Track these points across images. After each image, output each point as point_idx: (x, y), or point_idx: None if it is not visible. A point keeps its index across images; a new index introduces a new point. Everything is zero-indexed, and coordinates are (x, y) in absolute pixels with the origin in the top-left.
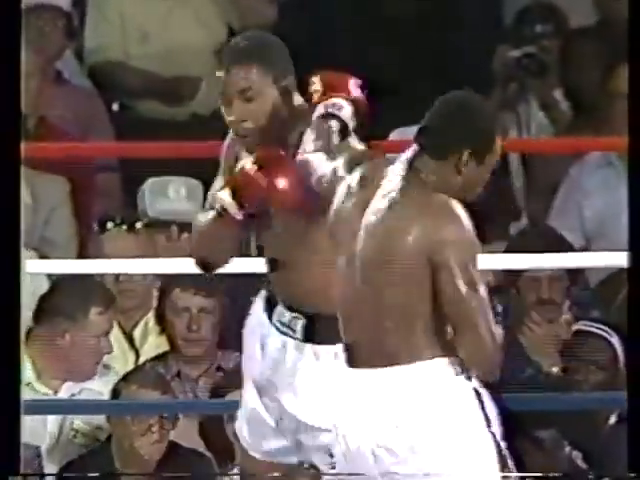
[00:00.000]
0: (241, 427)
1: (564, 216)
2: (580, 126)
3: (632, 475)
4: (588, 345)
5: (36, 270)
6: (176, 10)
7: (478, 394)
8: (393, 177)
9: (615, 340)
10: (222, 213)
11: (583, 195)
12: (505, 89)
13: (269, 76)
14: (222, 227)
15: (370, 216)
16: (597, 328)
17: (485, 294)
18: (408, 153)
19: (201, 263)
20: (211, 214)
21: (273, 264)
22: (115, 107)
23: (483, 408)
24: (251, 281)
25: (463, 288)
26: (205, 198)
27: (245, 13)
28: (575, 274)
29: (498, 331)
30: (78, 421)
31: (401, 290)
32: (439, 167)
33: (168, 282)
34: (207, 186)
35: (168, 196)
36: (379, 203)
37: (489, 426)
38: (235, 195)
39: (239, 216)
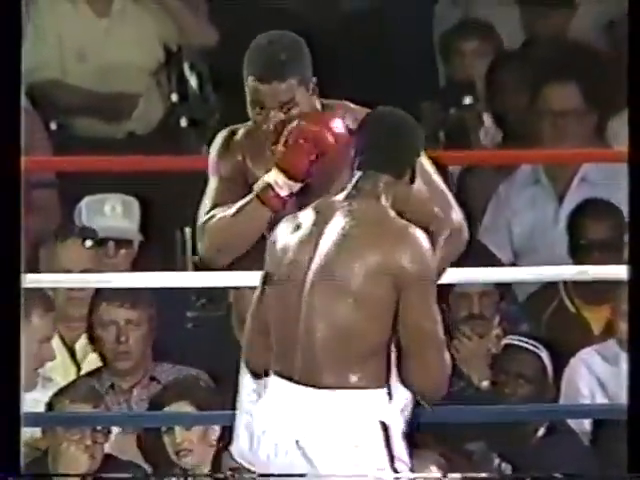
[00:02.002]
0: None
1: (493, 233)
2: (509, 146)
3: (632, 475)
4: (517, 359)
5: (35, 284)
6: (113, 29)
7: (386, 430)
8: (345, 207)
9: (544, 354)
10: (264, 195)
11: (512, 212)
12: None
13: (304, 85)
14: (259, 211)
15: (325, 246)
16: (526, 342)
17: (440, 322)
18: (357, 182)
19: (216, 256)
20: (244, 201)
21: None
22: (53, 126)
23: (388, 444)
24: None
25: (422, 315)
26: (140, 215)
27: (185, 33)
28: (504, 289)
29: (448, 360)
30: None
31: (355, 316)
32: (397, 185)
33: (95, 297)
34: (143, 203)
35: (104, 213)
36: (335, 234)
37: (392, 462)
38: (283, 172)
39: (285, 191)
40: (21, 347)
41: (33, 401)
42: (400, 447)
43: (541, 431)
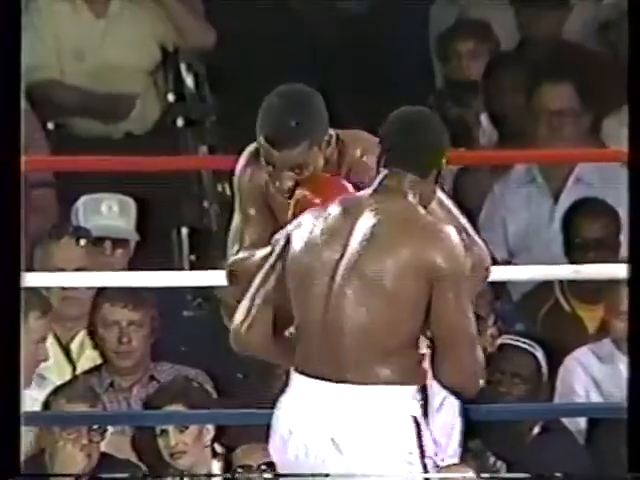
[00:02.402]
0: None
1: (488, 232)
2: (506, 146)
3: (632, 475)
4: (512, 358)
5: (35, 284)
6: (111, 29)
7: (417, 425)
8: (373, 204)
9: (539, 353)
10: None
11: (507, 211)
12: None
13: (317, 145)
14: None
15: (355, 243)
16: (521, 342)
17: (472, 317)
18: (383, 179)
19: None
20: (263, 255)
21: None
22: (50, 126)
23: (420, 439)
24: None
25: (454, 311)
26: (137, 214)
27: (182, 34)
28: (499, 288)
29: (481, 356)
30: None
31: (386, 313)
32: (422, 184)
33: (98, 297)
34: (139, 203)
35: (101, 213)
36: (365, 231)
37: (423, 457)
38: None
39: None
40: (21, 356)
41: (29, 399)
42: (429, 444)
43: (536, 430)
